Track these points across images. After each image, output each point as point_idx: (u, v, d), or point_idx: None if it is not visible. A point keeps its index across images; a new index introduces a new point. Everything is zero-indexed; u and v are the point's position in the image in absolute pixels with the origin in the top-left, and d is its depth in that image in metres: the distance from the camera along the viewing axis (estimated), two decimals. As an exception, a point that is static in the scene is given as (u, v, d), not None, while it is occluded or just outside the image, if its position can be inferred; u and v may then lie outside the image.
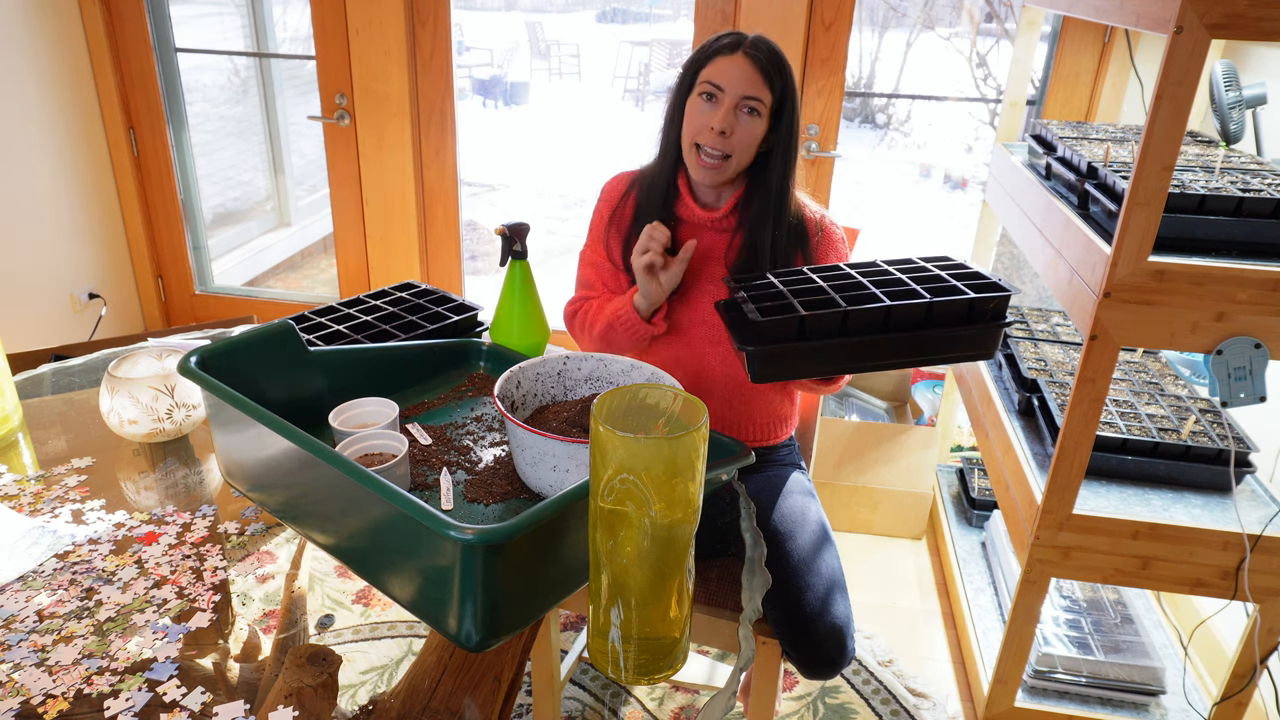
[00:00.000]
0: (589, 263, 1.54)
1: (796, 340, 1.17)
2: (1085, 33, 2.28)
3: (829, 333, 1.17)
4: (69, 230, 2.81)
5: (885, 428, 2.49)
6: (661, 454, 0.72)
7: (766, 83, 1.33)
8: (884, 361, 1.22)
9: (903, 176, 6.67)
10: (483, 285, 4.49)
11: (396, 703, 0.86)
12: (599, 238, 1.52)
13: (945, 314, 1.19)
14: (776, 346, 1.17)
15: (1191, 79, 1.17)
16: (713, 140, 1.34)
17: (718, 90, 1.34)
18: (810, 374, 1.25)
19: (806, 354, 1.18)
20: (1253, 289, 1.29)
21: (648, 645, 0.82)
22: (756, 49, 1.33)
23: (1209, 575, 1.49)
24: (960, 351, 1.24)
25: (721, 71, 1.33)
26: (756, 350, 1.17)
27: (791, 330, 1.16)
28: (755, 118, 1.34)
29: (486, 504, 1.02)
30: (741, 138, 1.35)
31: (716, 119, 1.33)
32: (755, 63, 1.33)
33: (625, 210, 1.49)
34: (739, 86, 1.32)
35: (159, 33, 2.81)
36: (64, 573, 0.99)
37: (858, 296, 1.19)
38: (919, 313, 1.18)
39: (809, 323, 1.16)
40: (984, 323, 1.20)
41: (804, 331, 1.17)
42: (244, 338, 1.08)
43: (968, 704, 1.86)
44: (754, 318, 1.16)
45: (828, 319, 1.16)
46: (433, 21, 2.59)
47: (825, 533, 1.40)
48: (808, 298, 1.20)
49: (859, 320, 1.17)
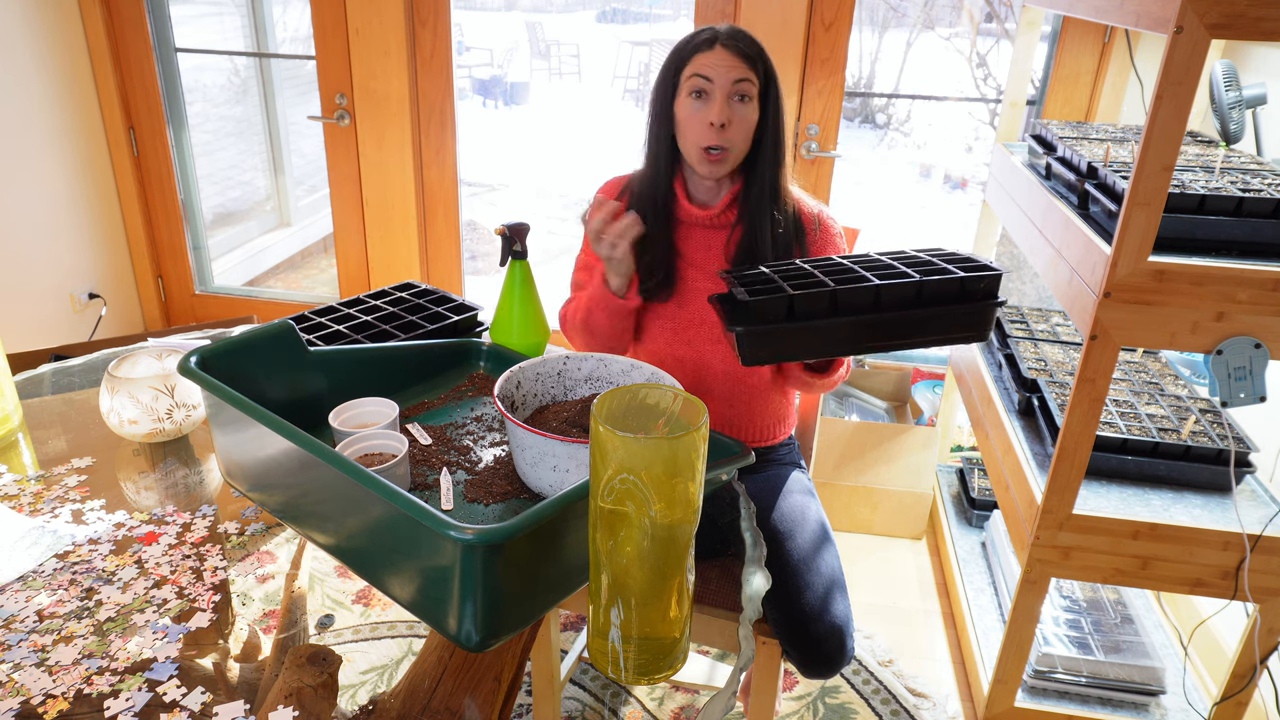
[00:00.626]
0: (583, 266, 1.54)
1: (786, 321, 1.17)
2: (1085, 33, 2.28)
3: (819, 313, 1.17)
4: (69, 230, 2.81)
5: (885, 428, 2.49)
6: (661, 454, 0.72)
7: (751, 67, 1.33)
8: (876, 343, 1.21)
9: (903, 176, 6.67)
10: (483, 285, 4.49)
11: (396, 703, 0.86)
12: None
13: (936, 293, 1.18)
14: (766, 327, 1.16)
15: (1191, 79, 1.17)
16: (716, 137, 1.34)
17: (707, 83, 1.33)
18: (801, 355, 1.24)
19: (796, 334, 1.18)
20: (1253, 289, 1.29)
21: (648, 645, 0.82)
22: (734, 39, 1.33)
23: (1209, 575, 1.49)
24: (953, 332, 1.23)
25: (706, 65, 1.33)
26: (746, 330, 1.16)
27: (781, 310, 1.16)
28: (748, 103, 1.34)
29: (486, 504, 1.02)
30: (739, 126, 1.34)
31: (714, 113, 1.32)
32: (735, 51, 1.32)
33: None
34: (727, 74, 1.32)
35: (159, 33, 2.81)
36: (64, 573, 0.99)
37: (848, 279, 1.19)
38: (909, 292, 1.17)
39: (798, 302, 1.16)
40: (976, 301, 1.19)
41: (793, 312, 1.16)
42: (244, 338, 1.08)
43: (968, 704, 1.86)
44: (742, 298, 1.15)
45: (816, 298, 1.16)
46: (433, 21, 2.59)
47: (825, 532, 1.40)
48: (797, 280, 1.20)
49: (848, 300, 1.16)
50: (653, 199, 1.44)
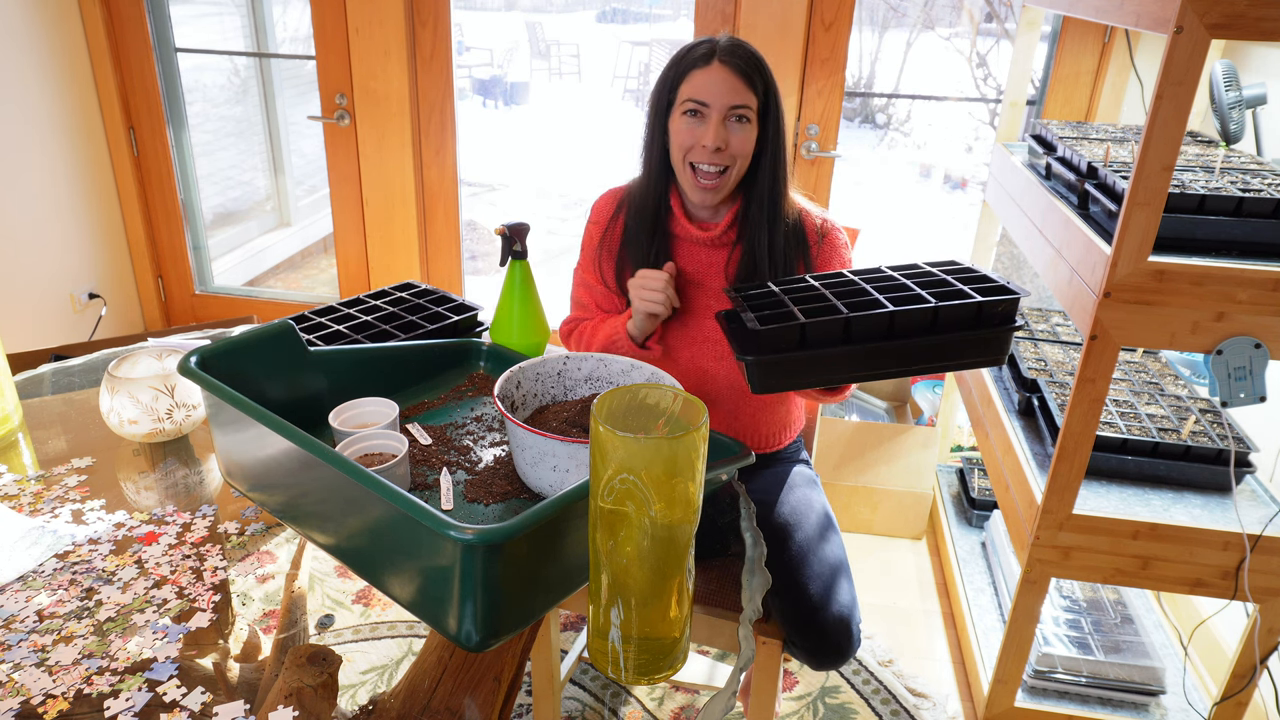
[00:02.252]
0: (582, 283, 1.52)
1: (798, 349, 1.13)
2: (1085, 33, 2.28)
3: (831, 341, 1.13)
4: (69, 230, 2.81)
5: (885, 428, 2.49)
6: (661, 454, 0.72)
7: (750, 87, 1.29)
8: (890, 369, 1.18)
9: (903, 176, 6.67)
10: (483, 285, 4.49)
11: (396, 703, 0.86)
12: (591, 259, 1.50)
13: (952, 319, 1.14)
14: (777, 356, 1.13)
15: (1191, 79, 1.17)
16: (708, 157, 1.31)
17: (702, 107, 1.29)
18: (814, 383, 1.20)
19: (809, 363, 1.15)
20: (1253, 289, 1.29)
21: (648, 645, 0.82)
22: (733, 55, 1.29)
23: (1209, 575, 1.49)
24: (969, 358, 1.19)
25: (701, 87, 1.29)
26: (756, 360, 1.13)
27: (793, 339, 1.13)
28: (746, 124, 1.31)
29: (486, 504, 1.02)
30: (737, 148, 1.32)
31: (708, 136, 1.29)
32: (734, 69, 1.28)
33: (615, 231, 1.47)
34: (724, 98, 1.28)
35: (159, 33, 2.81)
36: (64, 573, 0.99)
37: (860, 303, 1.16)
38: (925, 318, 1.13)
39: (810, 330, 1.12)
40: (993, 327, 1.15)
41: (805, 340, 1.13)
42: (244, 338, 1.08)
43: (968, 704, 1.86)
44: (753, 327, 1.12)
45: (829, 326, 1.12)
46: (433, 21, 2.59)
47: (830, 521, 1.40)
48: (809, 305, 1.17)
49: (862, 327, 1.13)
50: (650, 212, 1.41)
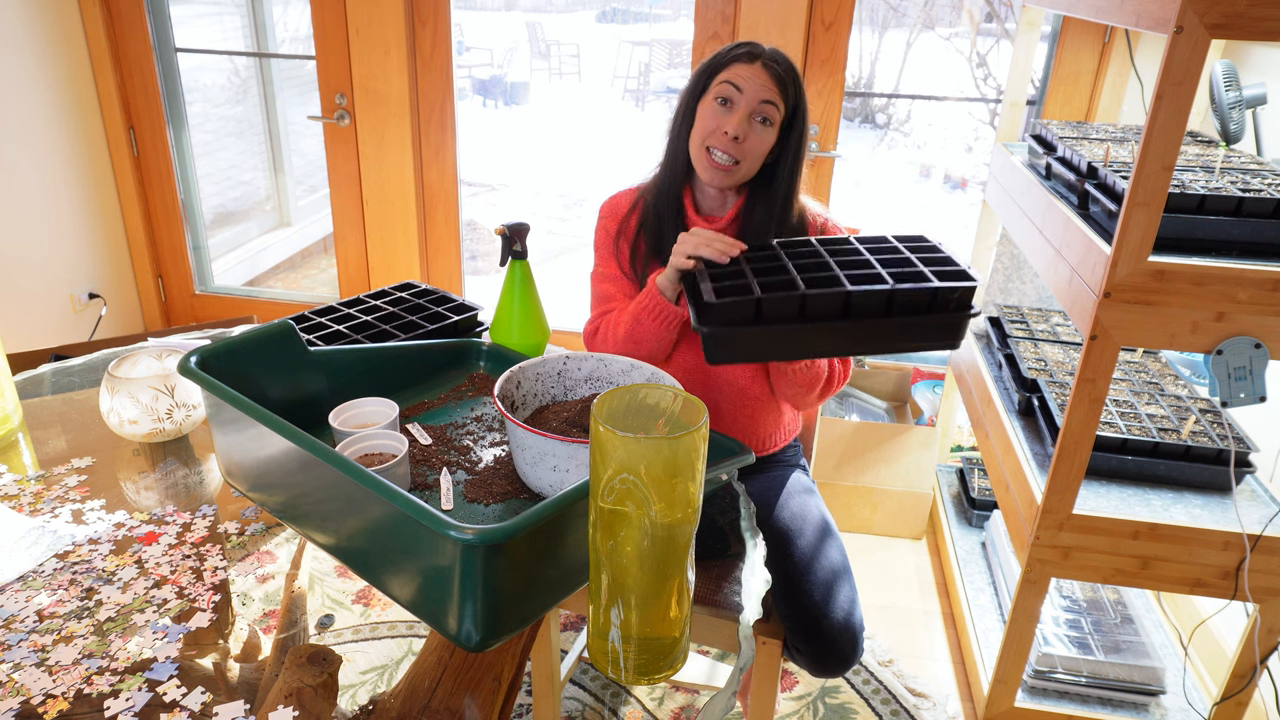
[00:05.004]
0: (604, 278, 1.51)
1: (753, 324, 1.13)
2: (1085, 33, 2.28)
3: (786, 317, 1.14)
4: (69, 230, 2.81)
5: (885, 428, 2.49)
6: (661, 454, 0.72)
7: (782, 92, 1.33)
8: (843, 349, 1.20)
9: (903, 176, 6.67)
10: (483, 285, 4.49)
11: (396, 703, 0.86)
12: (610, 253, 1.50)
13: (907, 302, 1.14)
14: (731, 330, 1.13)
15: (1191, 79, 1.17)
16: (725, 144, 1.33)
17: (736, 92, 1.33)
18: (768, 358, 1.23)
19: (764, 338, 1.15)
20: (1253, 289, 1.29)
21: (648, 645, 0.82)
22: (775, 60, 1.34)
23: (1209, 575, 1.49)
24: (924, 340, 1.20)
25: (740, 75, 1.33)
26: (712, 332, 1.13)
27: (748, 313, 1.13)
28: (767, 128, 1.34)
29: (486, 504, 1.02)
30: (752, 146, 1.34)
31: (731, 123, 1.32)
32: (773, 73, 1.33)
33: (630, 224, 1.49)
34: (757, 91, 1.32)
35: (159, 33, 2.81)
36: (64, 573, 0.99)
37: (820, 278, 1.15)
38: (881, 300, 1.14)
39: (765, 305, 1.12)
40: (947, 313, 1.16)
41: (760, 315, 1.13)
42: (244, 338, 1.08)
43: (968, 704, 1.86)
44: (709, 299, 1.12)
45: (785, 303, 1.13)
46: (433, 21, 2.59)
47: (830, 528, 1.40)
48: (769, 277, 1.16)
49: (818, 305, 1.13)
50: (673, 197, 1.43)
